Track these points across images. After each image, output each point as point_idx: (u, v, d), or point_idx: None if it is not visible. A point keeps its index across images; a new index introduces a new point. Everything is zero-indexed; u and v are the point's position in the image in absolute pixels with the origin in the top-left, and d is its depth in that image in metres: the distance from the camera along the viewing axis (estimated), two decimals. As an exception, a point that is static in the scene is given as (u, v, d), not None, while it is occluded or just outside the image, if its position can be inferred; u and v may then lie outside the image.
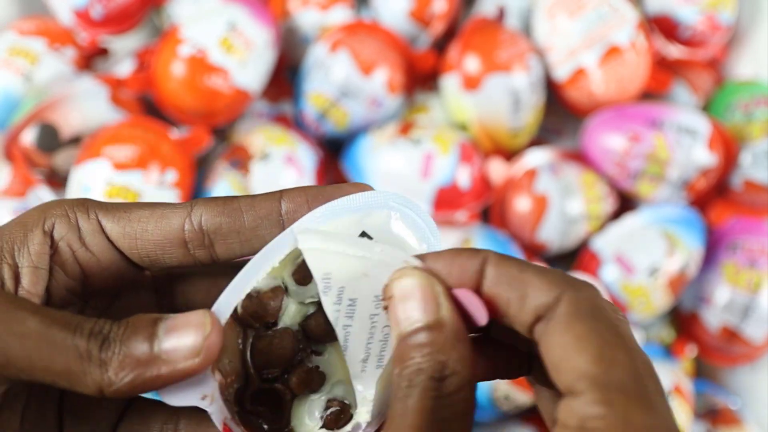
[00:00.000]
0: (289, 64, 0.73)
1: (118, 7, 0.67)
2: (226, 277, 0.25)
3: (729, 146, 0.69)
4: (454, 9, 0.72)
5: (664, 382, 0.63)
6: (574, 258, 0.69)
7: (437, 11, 0.71)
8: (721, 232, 0.69)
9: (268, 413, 0.25)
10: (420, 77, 0.72)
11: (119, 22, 0.69)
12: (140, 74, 0.66)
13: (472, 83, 0.67)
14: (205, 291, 0.27)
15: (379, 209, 0.24)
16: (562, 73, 0.70)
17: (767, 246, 0.66)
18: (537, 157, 0.68)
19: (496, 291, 0.22)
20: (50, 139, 0.62)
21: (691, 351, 0.70)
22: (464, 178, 0.66)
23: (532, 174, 0.67)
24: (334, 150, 0.72)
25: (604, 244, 0.66)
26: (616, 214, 0.69)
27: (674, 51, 0.74)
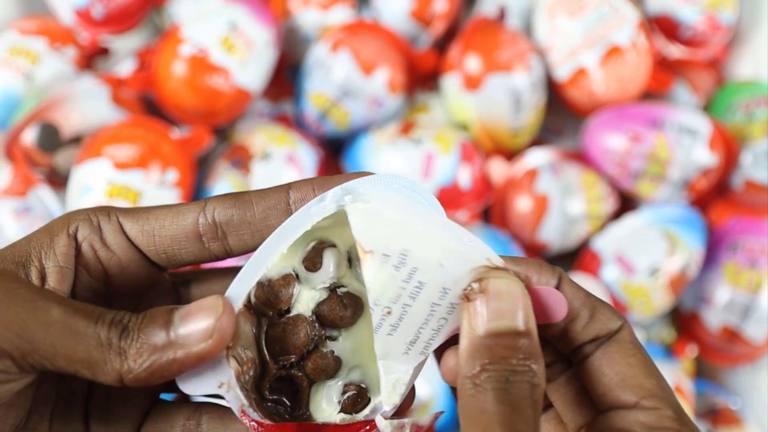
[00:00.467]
0: (289, 64, 0.73)
1: (119, 6, 0.67)
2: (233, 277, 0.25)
3: (730, 146, 0.69)
4: (455, 9, 0.72)
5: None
6: (575, 258, 0.69)
7: (438, 11, 0.71)
8: (722, 232, 0.69)
9: (286, 401, 0.25)
10: (421, 77, 0.72)
11: (120, 21, 0.69)
12: (141, 74, 0.66)
13: (472, 83, 0.67)
14: (221, 293, 0.27)
15: (384, 192, 0.24)
16: (562, 73, 0.70)
17: (767, 246, 0.66)
18: (537, 157, 0.68)
19: (570, 306, 0.24)
20: (51, 139, 0.62)
21: (692, 351, 0.70)
22: (465, 178, 0.66)
23: (532, 174, 0.67)
24: (335, 150, 0.72)
25: (605, 244, 0.66)
26: (617, 214, 0.69)
27: (675, 51, 0.74)
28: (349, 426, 0.25)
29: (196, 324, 0.22)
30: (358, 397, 0.25)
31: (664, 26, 0.74)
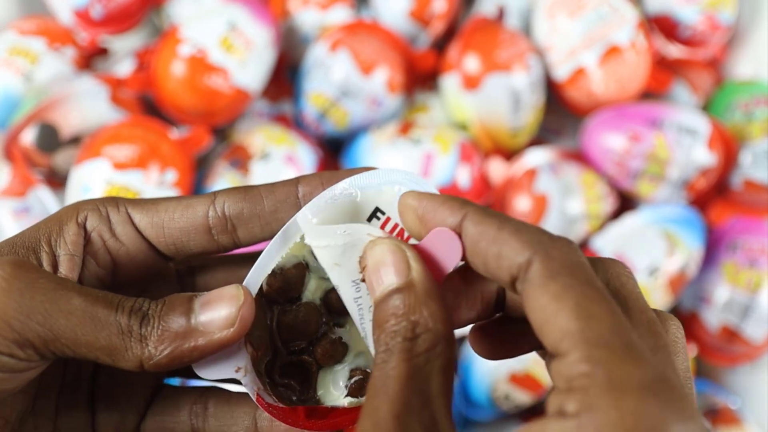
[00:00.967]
0: (289, 64, 0.73)
1: (118, 6, 0.67)
2: (245, 268, 0.26)
3: (729, 146, 0.69)
4: (454, 9, 0.72)
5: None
6: (574, 258, 0.69)
7: (437, 11, 0.71)
8: (721, 231, 0.69)
9: (296, 385, 0.26)
10: (420, 77, 0.72)
11: (119, 21, 0.69)
12: (140, 74, 0.66)
13: (472, 83, 0.67)
14: (225, 282, 0.28)
15: (389, 186, 0.25)
16: (562, 72, 0.70)
17: (767, 246, 0.66)
18: (537, 157, 0.68)
19: (475, 248, 0.22)
20: (50, 139, 0.62)
21: (691, 351, 0.70)
22: (464, 178, 0.66)
23: (532, 174, 0.67)
24: (334, 150, 0.72)
25: (604, 244, 0.66)
26: (616, 214, 0.69)
27: (674, 51, 0.74)
28: (355, 409, 0.26)
29: (218, 312, 0.23)
30: (364, 382, 0.26)
31: (663, 26, 0.74)
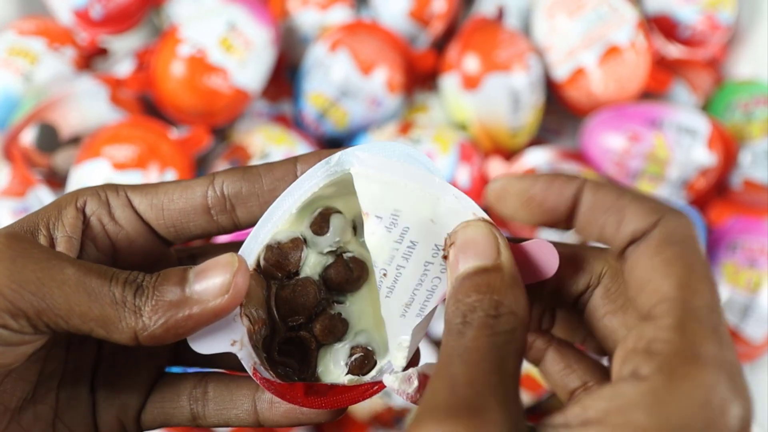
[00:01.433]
0: (288, 64, 0.73)
1: (118, 6, 0.67)
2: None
3: (728, 146, 0.69)
4: (454, 9, 0.72)
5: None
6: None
7: (437, 11, 0.71)
8: (721, 231, 0.69)
9: (295, 363, 0.26)
10: (419, 77, 0.72)
11: (119, 21, 0.69)
12: (140, 74, 0.66)
13: (471, 83, 0.67)
14: None
15: (387, 158, 0.25)
16: (561, 72, 0.70)
17: (767, 246, 0.66)
18: (536, 157, 0.68)
19: (592, 216, 0.22)
20: (50, 139, 0.62)
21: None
22: (464, 178, 0.66)
23: (531, 173, 0.66)
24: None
25: (604, 244, 0.66)
26: (616, 214, 0.69)
27: (674, 50, 0.74)
28: (356, 387, 0.25)
29: (212, 280, 0.23)
30: (365, 360, 0.26)
31: (662, 26, 0.74)
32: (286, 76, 0.74)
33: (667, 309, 0.19)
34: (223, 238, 0.52)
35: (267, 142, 0.65)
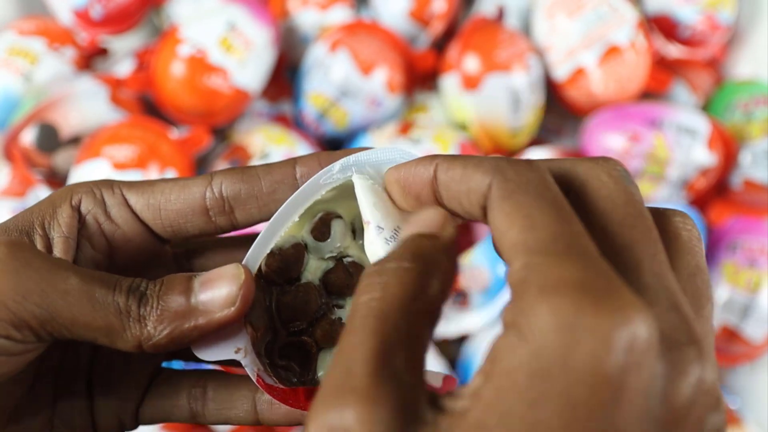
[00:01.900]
0: (288, 64, 0.73)
1: (118, 7, 0.67)
2: (243, 250, 0.26)
3: (728, 146, 0.69)
4: (454, 9, 0.72)
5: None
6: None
7: (437, 11, 0.71)
8: (721, 231, 0.69)
9: (295, 366, 0.26)
10: (420, 77, 0.72)
11: (119, 21, 0.69)
12: (140, 74, 0.66)
13: (471, 83, 0.67)
14: (223, 264, 0.28)
15: (390, 164, 0.25)
16: (561, 72, 0.70)
17: (767, 246, 0.66)
18: (537, 157, 0.68)
19: (449, 192, 0.22)
20: (50, 139, 0.62)
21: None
22: (464, 178, 0.66)
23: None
24: (334, 150, 0.71)
25: (604, 244, 0.66)
26: (616, 214, 0.69)
27: (674, 51, 0.74)
28: None
29: (219, 291, 0.23)
30: None
31: (662, 26, 0.74)
32: (286, 76, 0.74)
33: (515, 253, 0.19)
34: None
35: (267, 142, 0.65)
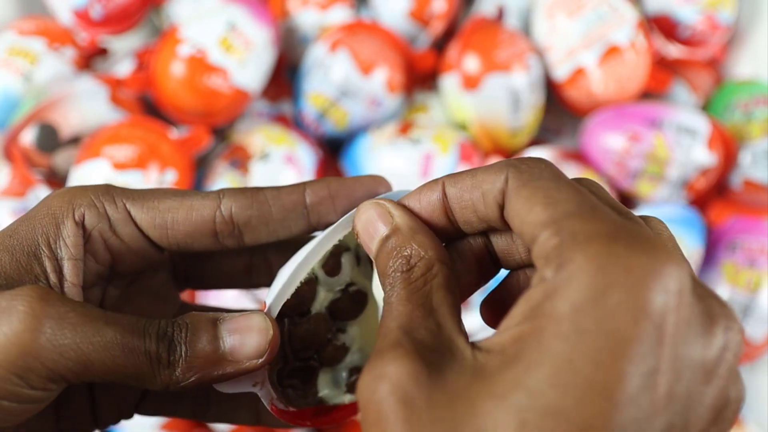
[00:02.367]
0: (288, 64, 0.73)
1: (118, 7, 0.67)
2: (236, 255, 0.27)
3: (728, 146, 0.69)
4: (454, 9, 0.72)
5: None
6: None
7: (437, 11, 0.71)
8: (721, 231, 0.69)
9: (299, 385, 0.27)
10: (419, 77, 0.72)
11: (119, 22, 0.69)
12: (140, 74, 0.66)
13: (471, 83, 0.67)
14: (216, 266, 0.29)
15: None
16: (561, 72, 0.70)
17: (767, 245, 0.66)
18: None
19: (462, 204, 0.23)
20: (50, 139, 0.62)
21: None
22: (464, 178, 0.66)
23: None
24: (334, 150, 0.72)
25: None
26: (616, 214, 0.69)
27: (674, 50, 0.74)
28: (356, 404, 0.27)
29: (248, 342, 0.23)
30: None
31: (662, 26, 0.74)
32: (286, 76, 0.74)
33: (543, 226, 0.20)
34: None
35: (267, 142, 0.65)
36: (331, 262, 0.27)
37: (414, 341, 0.20)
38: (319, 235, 0.26)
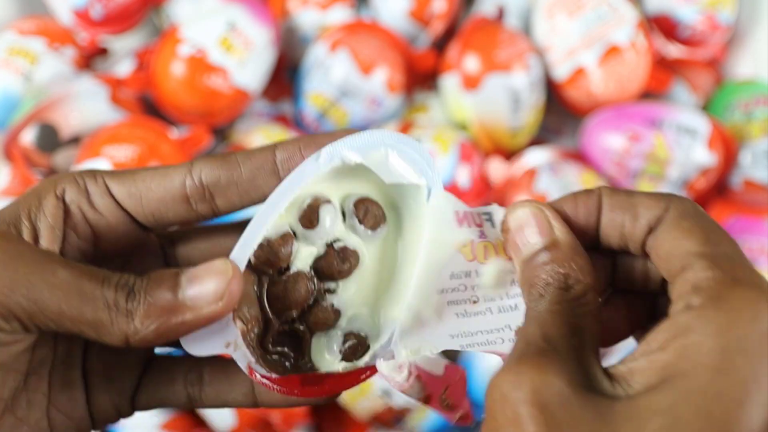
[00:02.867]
0: (288, 64, 0.73)
1: (118, 6, 0.67)
2: (228, 237, 0.26)
3: (729, 146, 0.69)
4: (454, 8, 0.72)
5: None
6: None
7: (437, 11, 0.71)
8: (721, 231, 0.69)
9: (289, 352, 0.26)
10: (420, 77, 0.72)
11: (119, 21, 0.69)
12: (140, 74, 0.66)
13: (471, 83, 0.67)
14: (208, 252, 0.28)
15: (377, 148, 0.25)
16: (561, 72, 0.70)
17: (767, 246, 0.66)
18: (537, 157, 0.68)
19: (612, 217, 0.24)
20: (50, 139, 0.62)
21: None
22: (464, 178, 0.66)
23: (531, 174, 0.67)
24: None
25: (604, 244, 0.66)
26: (616, 214, 0.69)
27: (674, 50, 0.74)
28: (350, 374, 0.26)
29: (206, 286, 0.23)
30: (358, 346, 0.26)
31: (663, 26, 0.74)
32: (286, 76, 0.74)
33: (698, 257, 0.21)
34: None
35: (267, 141, 0.65)
36: (309, 215, 0.26)
37: (558, 354, 0.20)
38: (286, 178, 0.25)
